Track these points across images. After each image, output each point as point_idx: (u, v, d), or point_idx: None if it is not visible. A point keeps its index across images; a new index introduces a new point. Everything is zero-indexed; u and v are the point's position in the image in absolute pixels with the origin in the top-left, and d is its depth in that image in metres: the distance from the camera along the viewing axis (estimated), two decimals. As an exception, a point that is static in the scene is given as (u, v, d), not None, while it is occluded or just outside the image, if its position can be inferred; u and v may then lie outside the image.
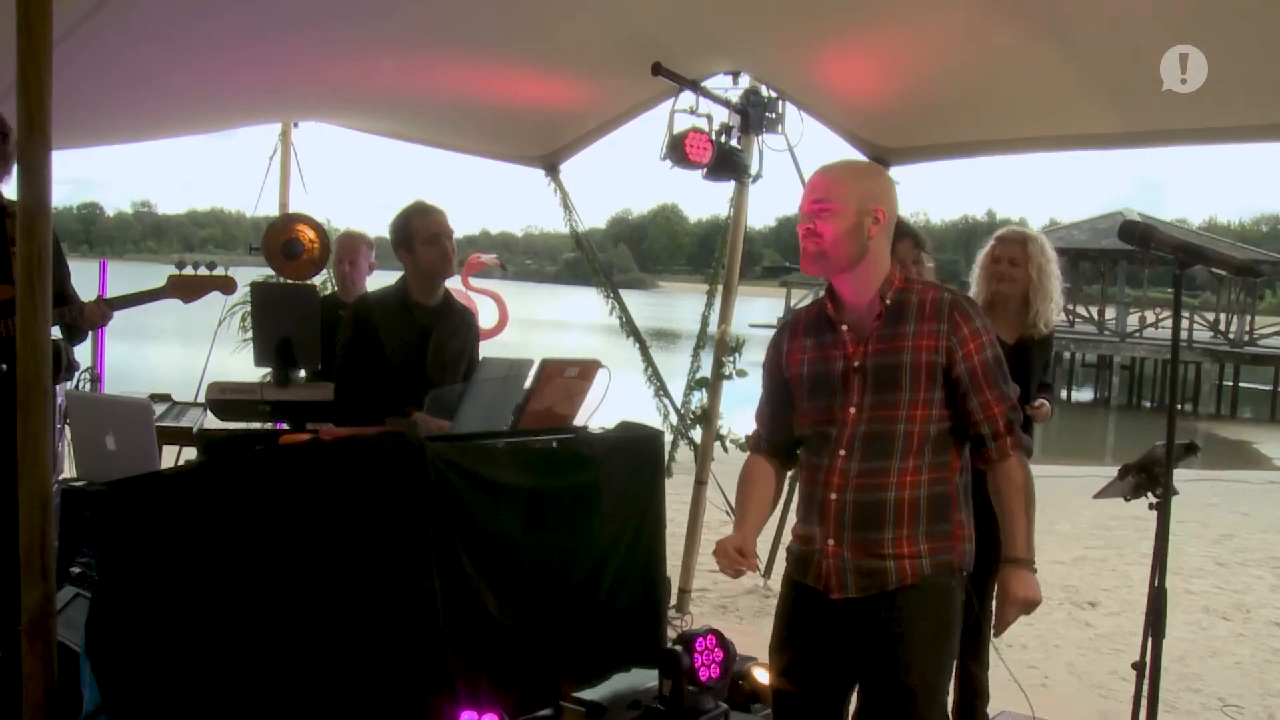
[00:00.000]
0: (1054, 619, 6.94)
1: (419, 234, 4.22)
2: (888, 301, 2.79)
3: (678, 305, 50.87)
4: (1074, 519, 10.80)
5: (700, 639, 3.71)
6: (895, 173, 5.59)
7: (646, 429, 4.22)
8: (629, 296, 7.64)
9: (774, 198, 6.94)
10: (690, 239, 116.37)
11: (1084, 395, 33.31)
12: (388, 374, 4.09)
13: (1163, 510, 3.11)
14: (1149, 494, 3.31)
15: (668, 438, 7.00)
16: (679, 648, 3.68)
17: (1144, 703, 3.03)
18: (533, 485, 3.64)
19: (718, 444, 6.58)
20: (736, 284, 6.49)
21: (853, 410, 2.78)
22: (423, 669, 3.20)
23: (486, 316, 8.64)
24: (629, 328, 7.12)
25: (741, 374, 6.43)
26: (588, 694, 3.88)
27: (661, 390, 7.13)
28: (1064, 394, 32.23)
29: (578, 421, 3.97)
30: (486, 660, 3.42)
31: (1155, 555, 2.74)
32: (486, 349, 4.65)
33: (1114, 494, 3.44)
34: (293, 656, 3.06)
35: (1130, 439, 23.16)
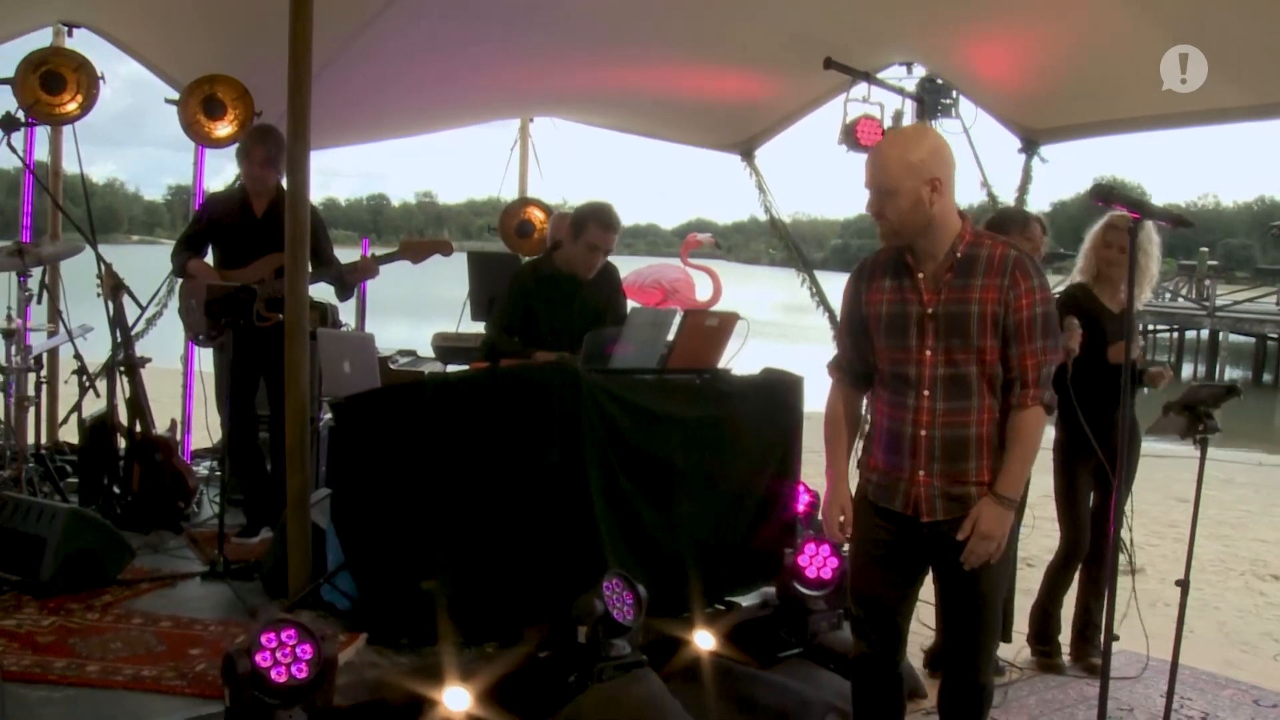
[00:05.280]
0: (1227, 587, 7.06)
1: (586, 236, 4.89)
2: (959, 254, 3.02)
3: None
4: (1307, 503, 10.53)
5: (811, 544, 4.39)
6: (1048, 151, 6.00)
7: (787, 374, 4.90)
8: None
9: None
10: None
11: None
12: (536, 328, 4.91)
13: (1204, 444, 3.73)
14: (1196, 432, 3.79)
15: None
16: (789, 549, 4.37)
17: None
18: (677, 414, 4.44)
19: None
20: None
21: (928, 353, 3.03)
22: (580, 550, 4.07)
23: (702, 290, 9.49)
24: (819, 298, 7.79)
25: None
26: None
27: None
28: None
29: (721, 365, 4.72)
30: (637, 557, 4.25)
31: (1114, 471, 3.19)
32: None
33: (1164, 431, 3.89)
34: (479, 528, 3.99)
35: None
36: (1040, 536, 5.25)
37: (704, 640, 4.17)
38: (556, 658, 3.81)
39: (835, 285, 8.19)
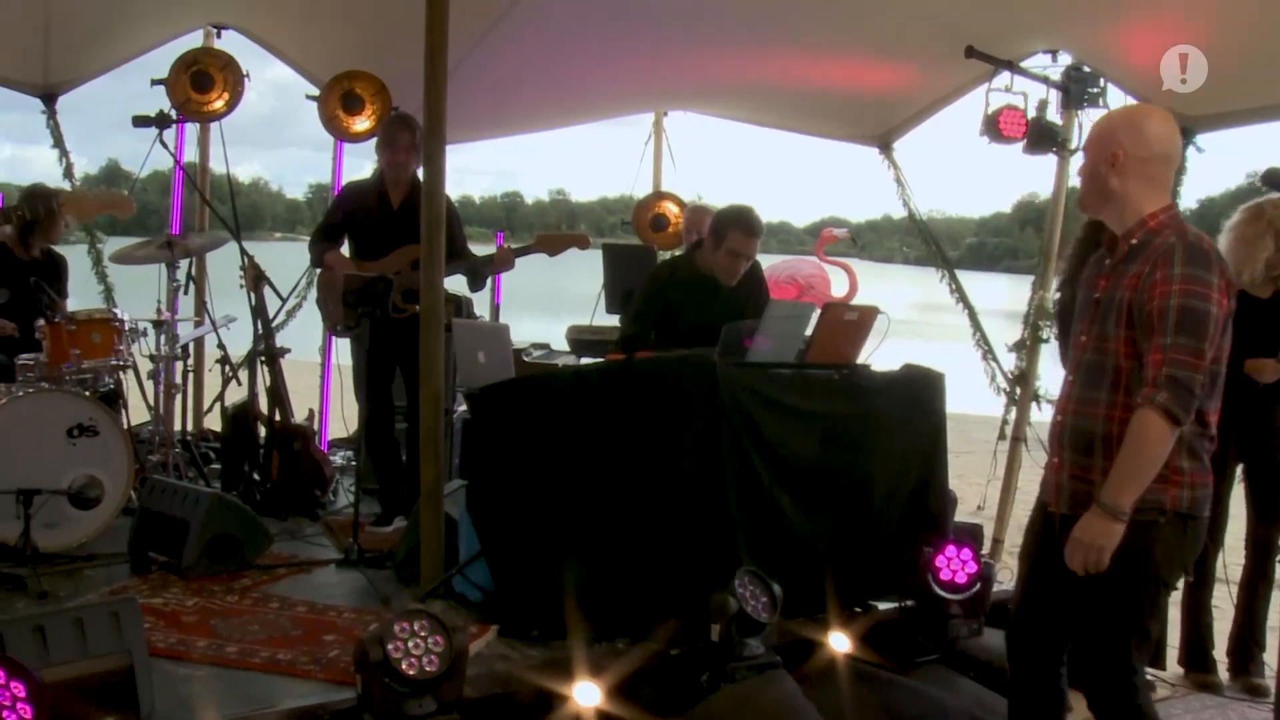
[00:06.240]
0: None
1: (728, 243, 4.80)
2: (1134, 241, 2.90)
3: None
4: None
5: (951, 545, 4.22)
6: (1204, 140, 5.69)
7: (928, 370, 4.73)
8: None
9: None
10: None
11: None
12: (675, 326, 4.83)
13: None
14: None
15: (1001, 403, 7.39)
16: (927, 549, 4.21)
17: None
18: (815, 409, 4.33)
19: (1034, 403, 6.88)
20: (1055, 252, 6.75)
21: (1083, 338, 2.97)
22: (714, 545, 3.98)
23: (838, 286, 9.34)
24: (958, 294, 7.55)
25: (1060, 338, 6.67)
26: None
27: (989, 355, 7.50)
28: None
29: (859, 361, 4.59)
30: (772, 555, 4.14)
31: None
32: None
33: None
34: (612, 521, 3.95)
35: None
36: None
37: (839, 642, 4.06)
38: (688, 655, 3.74)
39: (973, 283, 7.98)
